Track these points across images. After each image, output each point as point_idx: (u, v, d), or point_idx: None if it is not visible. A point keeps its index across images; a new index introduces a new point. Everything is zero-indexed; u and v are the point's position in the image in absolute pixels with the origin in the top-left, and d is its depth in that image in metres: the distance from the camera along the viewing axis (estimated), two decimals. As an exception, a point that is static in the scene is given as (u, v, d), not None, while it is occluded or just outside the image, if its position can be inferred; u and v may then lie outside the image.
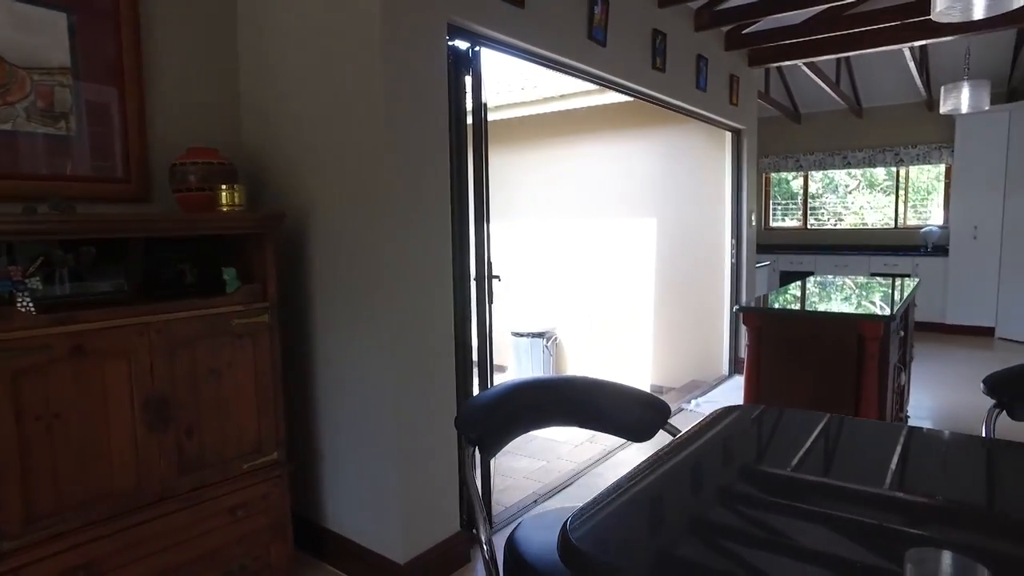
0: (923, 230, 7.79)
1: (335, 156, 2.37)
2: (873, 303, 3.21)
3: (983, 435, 1.48)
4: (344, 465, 2.52)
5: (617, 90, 3.75)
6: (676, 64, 4.16)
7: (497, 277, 3.28)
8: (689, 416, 4.52)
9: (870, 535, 0.96)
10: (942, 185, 8.01)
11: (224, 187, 2.17)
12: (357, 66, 2.25)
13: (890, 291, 3.69)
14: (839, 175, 8.72)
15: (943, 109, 5.35)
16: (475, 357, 2.88)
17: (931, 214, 8.27)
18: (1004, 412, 1.52)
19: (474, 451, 1.29)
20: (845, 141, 8.23)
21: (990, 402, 1.55)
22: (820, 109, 8.19)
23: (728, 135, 5.44)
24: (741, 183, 5.53)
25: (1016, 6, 2.49)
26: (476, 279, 2.87)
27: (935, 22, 4.74)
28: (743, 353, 5.81)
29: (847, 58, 6.82)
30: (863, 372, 2.80)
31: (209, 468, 2.07)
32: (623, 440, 2.99)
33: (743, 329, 5.81)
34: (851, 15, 4.59)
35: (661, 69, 3.94)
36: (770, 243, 8.71)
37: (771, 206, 9.17)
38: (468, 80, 2.67)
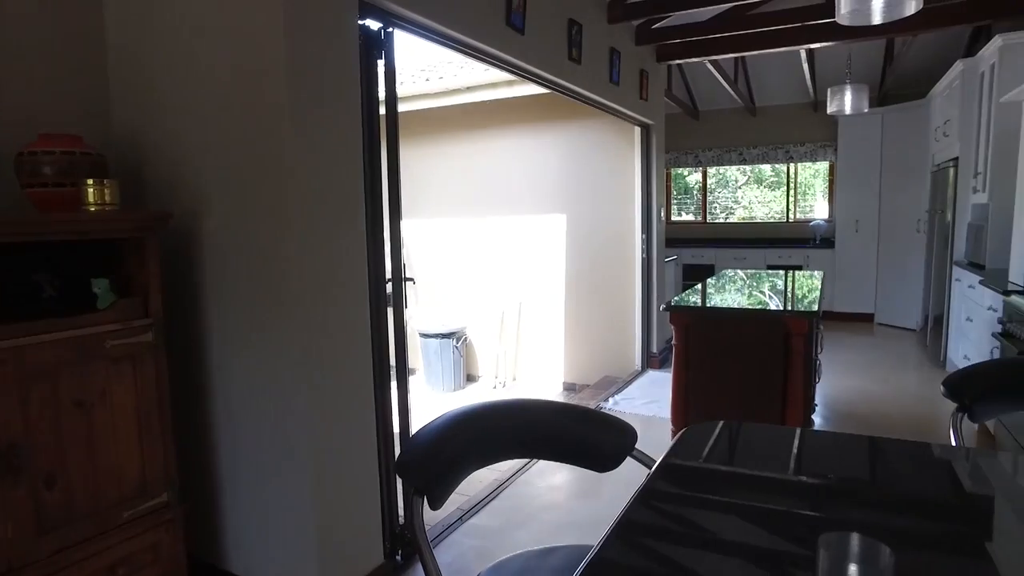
0: (812, 223, 8.23)
1: (231, 148, 2.05)
2: (796, 297, 3.25)
3: (952, 443, 1.43)
4: (249, 499, 2.21)
5: (535, 81, 3.60)
6: (591, 56, 4.06)
7: (411, 280, 3.05)
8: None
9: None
10: (826, 181, 8.50)
11: (91, 182, 1.80)
12: (256, 43, 1.94)
13: (806, 284, 3.77)
14: (731, 171, 9.07)
15: (829, 110, 5.61)
16: (392, 364, 2.64)
17: (813, 209, 8.77)
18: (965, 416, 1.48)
19: (422, 502, 1.07)
20: (740, 138, 8.55)
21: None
22: (717, 107, 8.45)
23: (637, 130, 5.44)
24: (651, 178, 5.55)
25: (909, 13, 2.58)
26: (392, 282, 2.63)
27: (832, 27, 4.94)
28: (655, 348, 5.90)
29: (743, 58, 7.04)
30: (789, 367, 2.80)
31: (79, 523, 1.72)
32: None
33: (655, 324, 5.89)
34: (754, 15, 4.68)
35: (577, 61, 3.82)
36: (672, 237, 8.91)
37: (671, 201, 9.42)
38: (381, 65, 2.41)
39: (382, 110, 2.43)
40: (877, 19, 2.67)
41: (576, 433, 1.31)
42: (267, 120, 1.96)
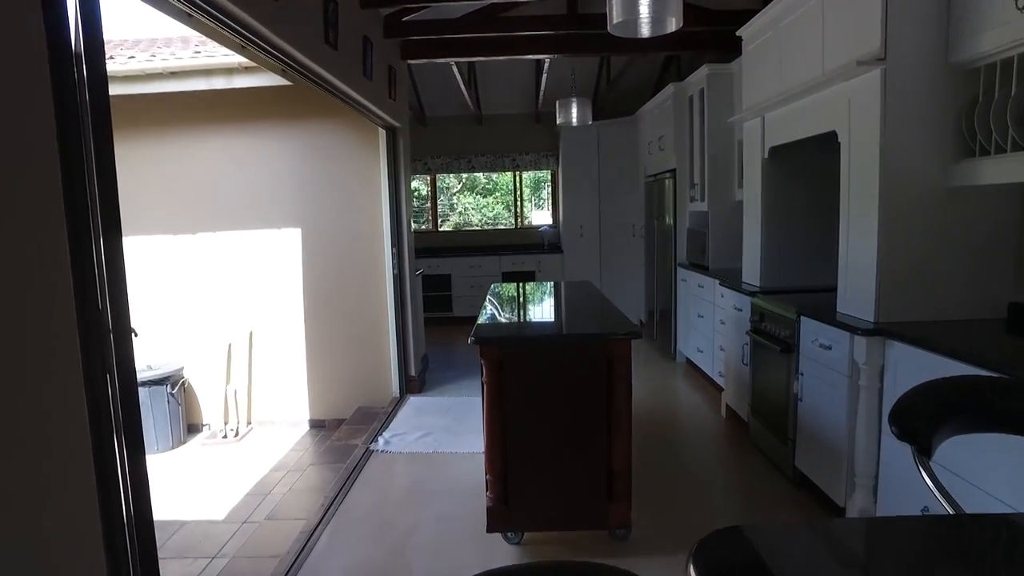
0: (540, 229, 8.57)
1: None
2: (602, 315, 3.07)
3: (932, 488, 1.21)
4: None
5: (286, 64, 2.84)
6: (347, 44, 3.43)
7: (134, 332, 2.13)
8: (383, 460, 3.87)
9: None
10: (549, 189, 8.94)
11: None
12: None
13: (594, 296, 3.65)
14: (448, 178, 9.05)
15: (558, 121, 5.78)
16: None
17: (532, 215, 9.21)
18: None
19: None
20: (468, 146, 8.52)
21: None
22: (445, 113, 8.29)
23: (383, 133, 4.90)
24: (399, 186, 5.07)
25: (671, 30, 2.63)
26: (114, 333, 1.74)
27: (579, 38, 5.03)
28: (414, 370, 5.42)
29: (473, 66, 6.95)
30: (613, 394, 2.57)
31: None
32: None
33: (411, 345, 5.42)
34: (508, 17, 4.51)
35: (333, 45, 3.16)
36: (407, 247, 8.55)
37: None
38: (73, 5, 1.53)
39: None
40: (645, 32, 2.73)
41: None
42: None
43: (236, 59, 3.76)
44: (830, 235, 3.81)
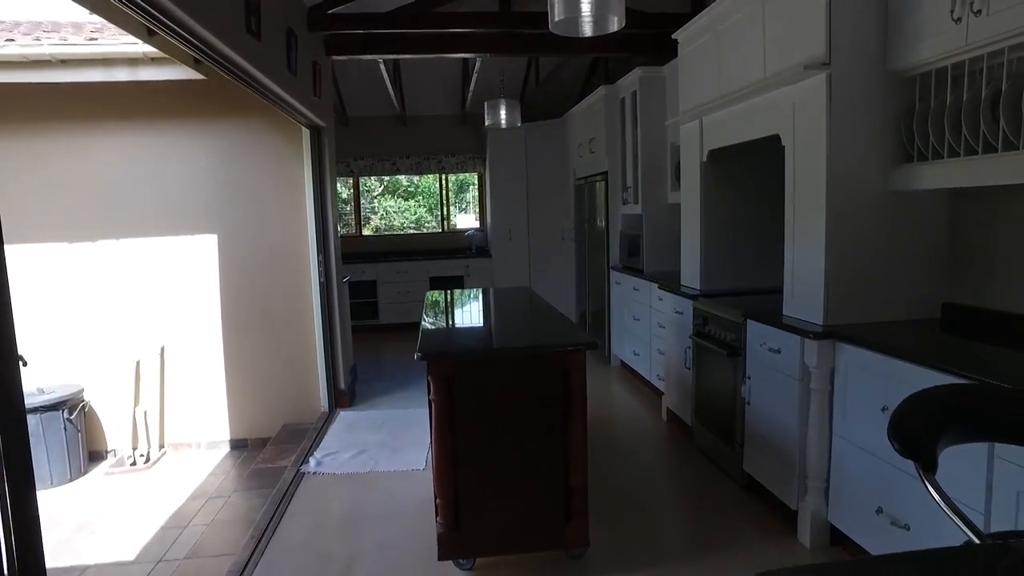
0: (467, 233, 8.40)
1: None
2: (549, 323, 2.94)
3: (941, 503, 1.14)
4: None
5: (202, 53, 2.56)
6: (270, 34, 3.16)
7: (22, 359, 1.83)
8: (316, 483, 3.60)
9: None
10: (476, 191, 8.79)
11: None
12: None
13: (537, 304, 3.53)
14: (369, 181, 8.74)
15: (487, 122, 5.66)
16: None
17: (456, 219, 9.05)
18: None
19: None
20: (393, 147, 8.25)
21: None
22: (368, 113, 7.99)
23: (306, 133, 4.61)
24: (324, 189, 4.78)
25: (614, 29, 2.59)
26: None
27: (514, 37, 4.92)
28: (343, 384, 5.14)
29: (397, 63, 6.71)
30: (569, 407, 2.46)
31: None
32: None
33: (340, 356, 5.12)
34: (438, 13, 4.33)
35: (256, 35, 2.90)
36: (329, 252, 8.19)
37: (324, 212, 8.65)
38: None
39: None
40: (588, 31, 2.69)
41: None
42: None
43: (142, 48, 3.40)
44: (769, 237, 3.86)
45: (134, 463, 4.46)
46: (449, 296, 4.27)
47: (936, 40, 2.33)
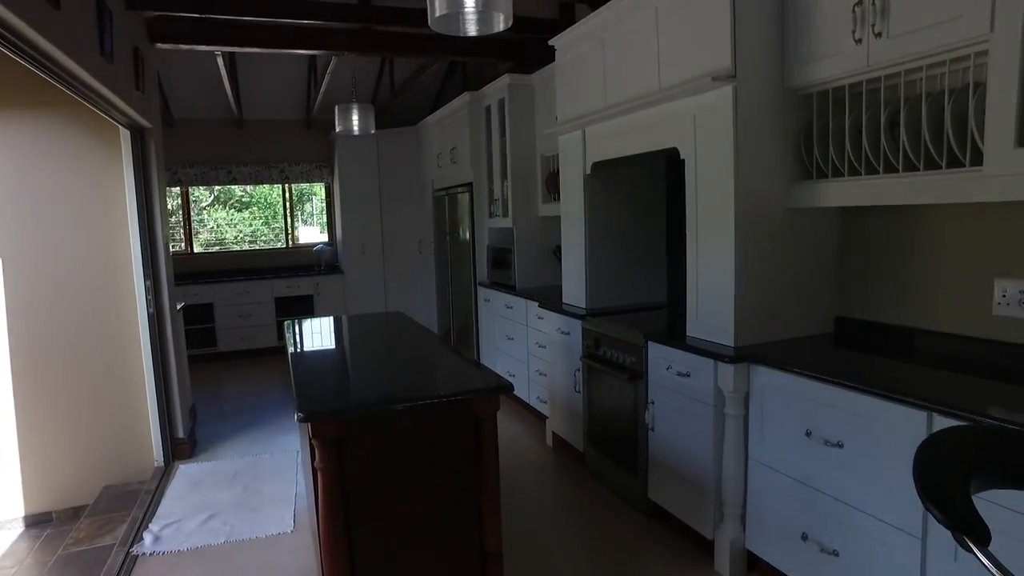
0: (316, 248, 7.72)
1: None
2: (450, 363, 2.57)
3: None
4: None
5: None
6: (73, 4, 2.49)
7: None
8: (156, 567, 2.92)
9: None
10: (324, 203, 8.11)
11: None
12: None
13: (423, 344, 3.14)
14: (199, 190, 7.76)
15: (337, 128, 5.19)
16: None
17: (298, 233, 8.31)
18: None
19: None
20: (229, 154, 7.37)
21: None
22: (198, 114, 7.06)
23: (126, 135, 3.83)
24: (152, 203, 4.02)
25: (499, 28, 2.40)
26: None
27: (376, 34, 4.48)
28: (182, 431, 4.34)
29: (233, 58, 5.96)
30: (481, 461, 2.12)
31: None
32: None
33: (177, 398, 4.32)
34: (288, 1, 3.80)
35: (54, 2, 2.24)
36: (152, 272, 7.12)
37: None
38: None
39: None
40: (471, 29, 2.44)
41: None
42: None
43: None
44: (653, 251, 3.81)
45: None
46: (317, 328, 3.73)
47: (836, 60, 2.32)
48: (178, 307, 4.57)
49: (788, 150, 2.57)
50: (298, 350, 3.00)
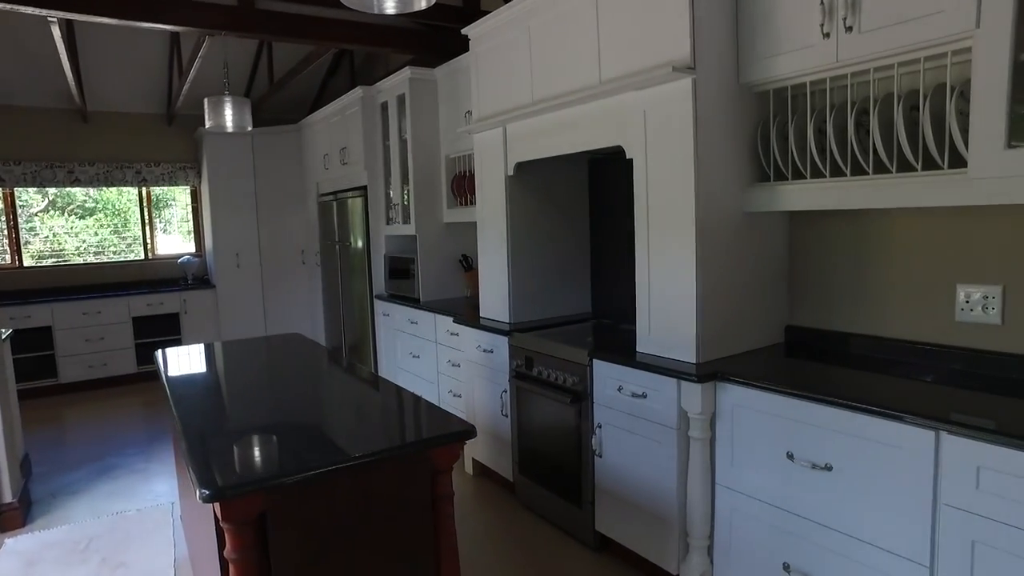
0: (181, 260, 6.82)
1: None
2: (407, 405, 2.13)
3: None
4: None
5: None
6: None
7: None
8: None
9: None
10: (189, 209, 7.20)
11: None
12: None
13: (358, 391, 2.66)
14: (28, 193, 6.60)
15: (207, 124, 4.57)
16: None
17: (136, 245, 7.34)
18: None
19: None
20: (69, 151, 6.31)
21: None
22: (28, 102, 5.98)
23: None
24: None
25: (422, 7, 2.11)
26: None
27: (258, 14, 3.91)
28: (11, 494, 3.47)
29: (72, 32, 5.06)
30: (438, 521, 1.73)
31: None
32: None
33: (4, 451, 3.46)
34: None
35: None
36: (-32, 291, 5.94)
37: (-44, 237, 6.26)
38: None
39: None
40: (390, 7, 2.09)
41: None
42: None
43: None
44: (579, 259, 3.57)
45: None
46: (200, 359, 3.09)
47: (800, 55, 2.17)
48: (4, 336, 3.71)
49: (743, 151, 2.41)
50: (180, 394, 2.40)
